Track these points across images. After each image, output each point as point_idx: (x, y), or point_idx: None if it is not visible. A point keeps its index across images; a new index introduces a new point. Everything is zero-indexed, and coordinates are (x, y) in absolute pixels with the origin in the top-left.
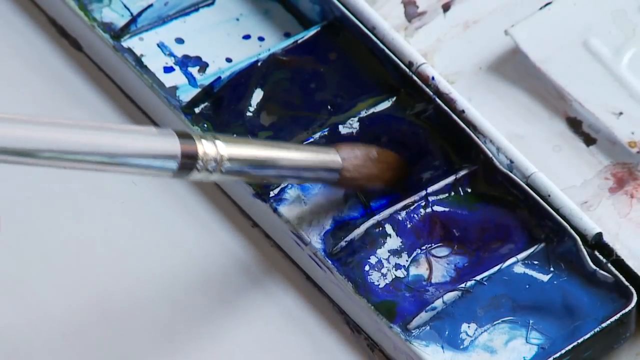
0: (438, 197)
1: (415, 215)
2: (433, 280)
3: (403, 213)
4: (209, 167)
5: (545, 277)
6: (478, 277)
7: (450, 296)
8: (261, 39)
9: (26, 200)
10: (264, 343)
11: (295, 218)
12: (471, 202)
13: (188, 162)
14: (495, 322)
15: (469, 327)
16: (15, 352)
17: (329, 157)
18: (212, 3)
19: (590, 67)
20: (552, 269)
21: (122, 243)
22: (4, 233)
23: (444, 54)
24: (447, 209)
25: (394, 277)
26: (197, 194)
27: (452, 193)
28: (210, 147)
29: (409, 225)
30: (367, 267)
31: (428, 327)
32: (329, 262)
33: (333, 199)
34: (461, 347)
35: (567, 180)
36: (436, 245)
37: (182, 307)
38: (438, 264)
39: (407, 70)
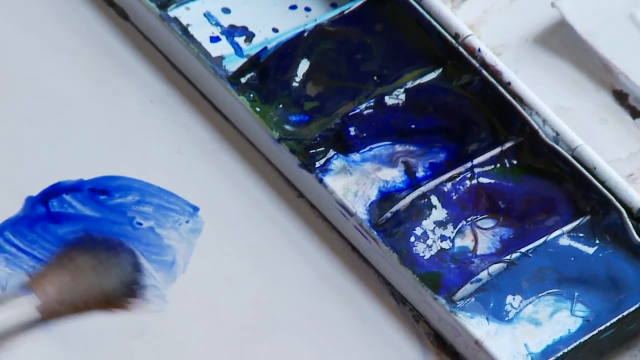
0: (484, 169)
1: (461, 187)
2: (478, 252)
3: (449, 184)
4: None
5: (590, 250)
6: (523, 249)
7: (495, 268)
8: (308, 9)
9: (64, 175)
10: (308, 313)
11: (341, 188)
12: (517, 174)
13: None
14: (540, 294)
15: (514, 299)
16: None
17: (21, 308)
18: None
19: (637, 39)
20: (597, 241)
21: None
22: None
23: (490, 26)
24: (492, 181)
25: (439, 248)
26: (243, 164)
27: (498, 165)
28: None
29: (454, 197)
30: (412, 239)
31: (473, 299)
32: (374, 233)
33: (379, 169)
34: (506, 318)
35: (612, 152)
36: (482, 217)
37: (226, 277)
38: (483, 236)
39: (454, 41)
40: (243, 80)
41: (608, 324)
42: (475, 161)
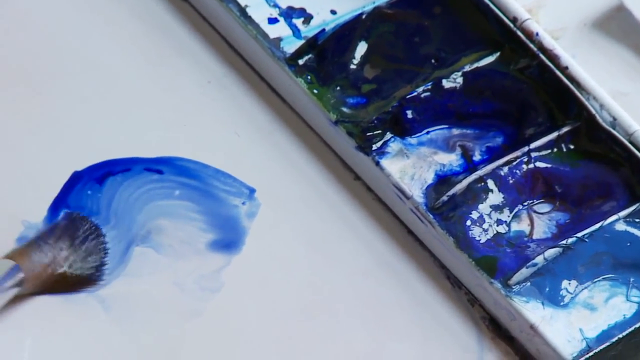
0: (540, 153)
1: (518, 171)
2: (534, 237)
3: (505, 168)
4: None
5: None
6: (579, 234)
7: (551, 252)
8: None
9: (120, 153)
10: (363, 296)
11: (398, 171)
12: (573, 158)
13: None
14: (595, 280)
15: (569, 284)
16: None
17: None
18: None
19: None
20: None
21: None
22: None
23: (548, 10)
24: (549, 165)
25: (495, 232)
26: (300, 146)
27: (555, 149)
28: None
29: (511, 181)
30: (468, 222)
31: (529, 283)
32: (431, 216)
33: (436, 152)
34: (561, 303)
35: None
36: (538, 202)
37: (282, 259)
38: (540, 220)
39: (512, 25)
40: (301, 62)
41: None
42: (532, 145)
